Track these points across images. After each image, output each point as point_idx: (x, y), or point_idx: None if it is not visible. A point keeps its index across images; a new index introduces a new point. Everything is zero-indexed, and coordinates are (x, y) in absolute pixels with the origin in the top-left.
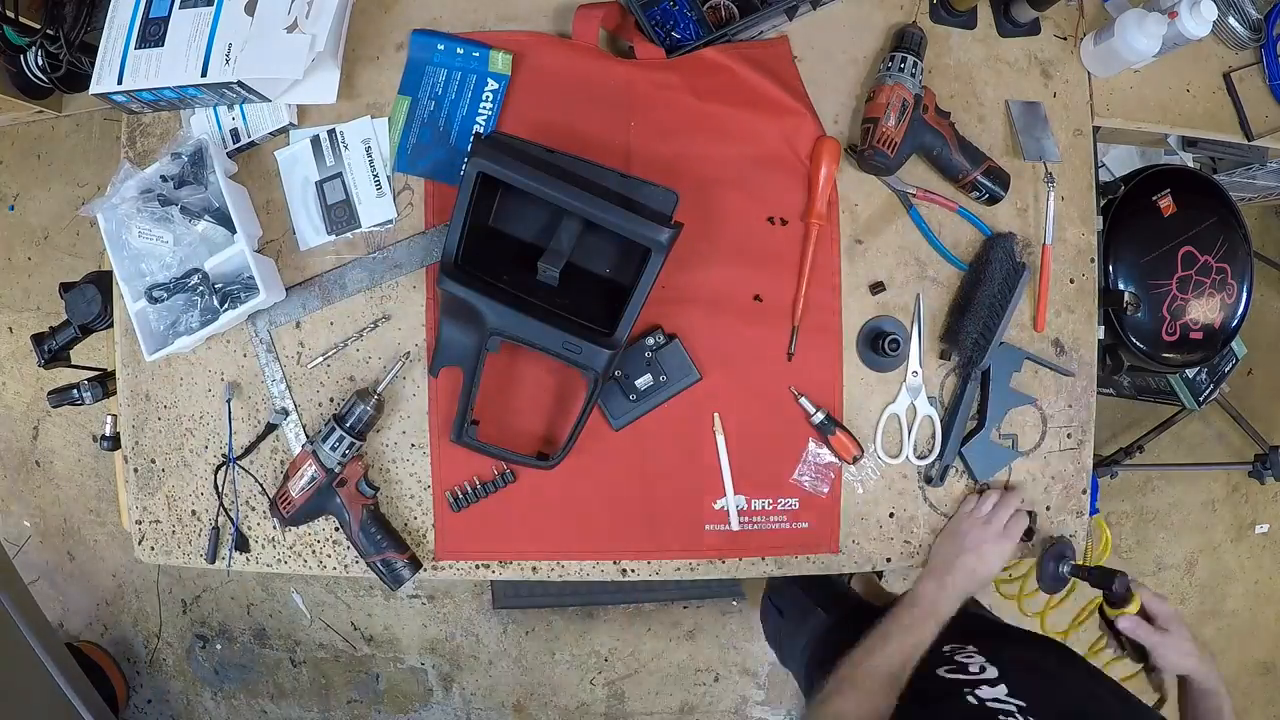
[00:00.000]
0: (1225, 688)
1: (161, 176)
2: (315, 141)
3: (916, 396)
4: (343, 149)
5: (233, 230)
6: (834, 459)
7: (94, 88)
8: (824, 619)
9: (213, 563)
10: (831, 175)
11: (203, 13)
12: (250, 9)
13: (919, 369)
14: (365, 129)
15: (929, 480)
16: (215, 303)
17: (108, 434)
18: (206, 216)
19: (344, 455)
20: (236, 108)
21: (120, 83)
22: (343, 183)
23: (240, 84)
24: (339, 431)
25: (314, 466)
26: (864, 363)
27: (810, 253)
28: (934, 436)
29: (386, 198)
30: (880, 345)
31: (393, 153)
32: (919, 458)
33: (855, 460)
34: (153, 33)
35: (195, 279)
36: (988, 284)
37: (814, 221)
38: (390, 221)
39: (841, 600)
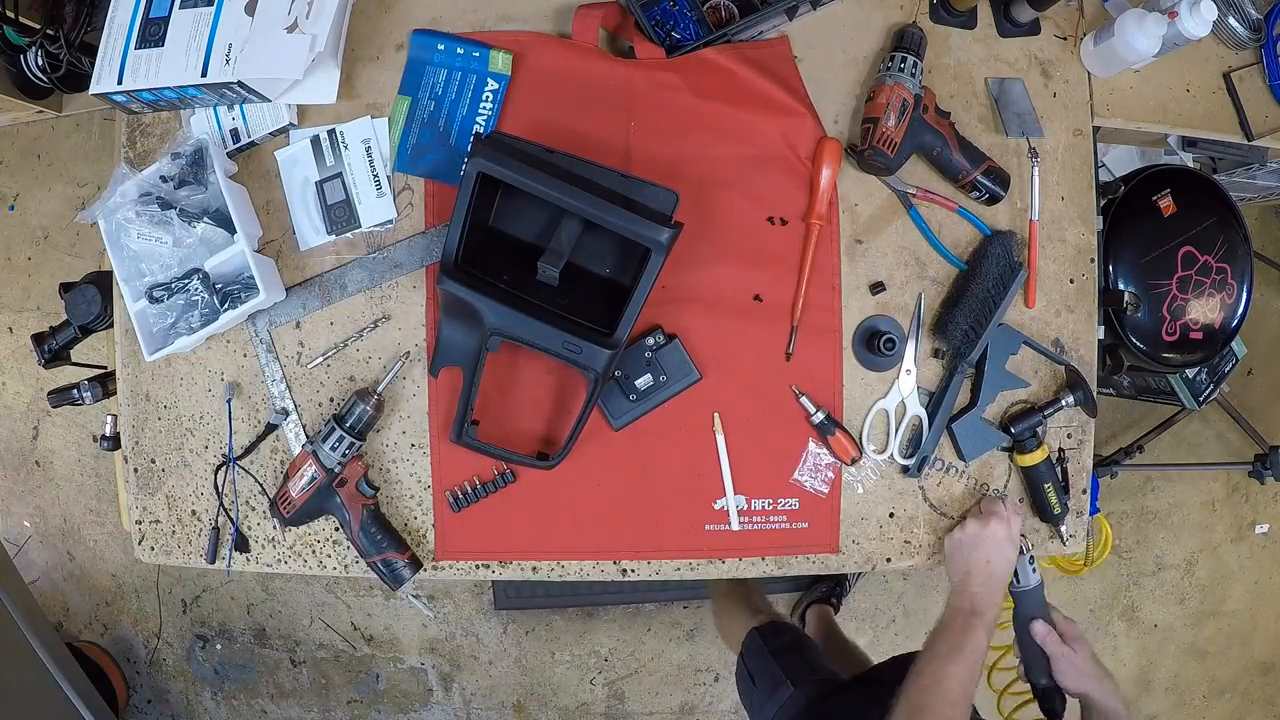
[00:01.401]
0: (1128, 709)
1: (161, 177)
2: (315, 141)
3: (908, 395)
4: (343, 149)
5: (232, 231)
6: (834, 459)
7: (94, 88)
8: (790, 694)
9: (213, 563)
10: (834, 176)
11: (203, 13)
12: (250, 9)
13: (913, 368)
14: (365, 129)
15: (905, 470)
16: (215, 302)
17: (108, 434)
18: (205, 219)
19: (344, 455)
20: (236, 108)
21: (120, 83)
22: (343, 183)
23: (240, 84)
24: (339, 431)
25: (314, 466)
26: (860, 362)
27: (811, 253)
28: (922, 437)
29: (386, 198)
30: (876, 345)
31: (393, 153)
32: (905, 456)
33: (854, 462)
34: (153, 33)
35: (195, 279)
36: (982, 279)
37: (814, 221)
38: (390, 221)
39: (810, 675)
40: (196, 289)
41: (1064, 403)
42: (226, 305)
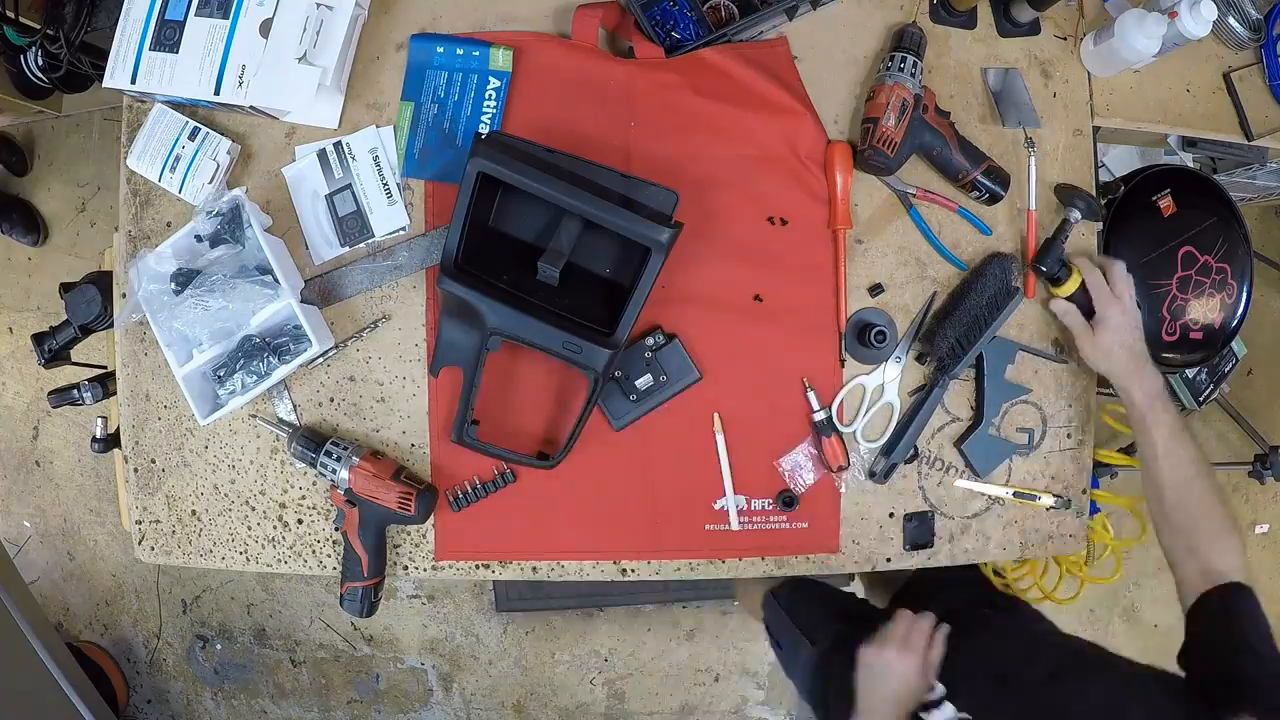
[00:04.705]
0: (1154, 407)
1: (196, 236)
2: (322, 155)
3: (889, 381)
4: (350, 160)
5: (273, 285)
6: (823, 463)
7: (107, 81)
8: (811, 650)
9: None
10: (848, 181)
11: (218, 25)
12: (265, 30)
13: (903, 357)
14: (371, 138)
15: (871, 475)
16: (273, 360)
17: (98, 436)
18: (245, 277)
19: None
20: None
21: (134, 83)
22: (353, 194)
23: (251, 106)
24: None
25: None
26: (851, 354)
27: (843, 262)
28: (887, 426)
29: (398, 205)
30: (866, 337)
31: (400, 159)
32: (866, 440)
33: (839, 470)
34: (168, 36)
35: (248, 347)
36: (976, 296)
37: (839, 229)
38: (403, 228)
39: (826, 626)
40: (253, 356)
41: (1072, 219)
42: (278, 360)
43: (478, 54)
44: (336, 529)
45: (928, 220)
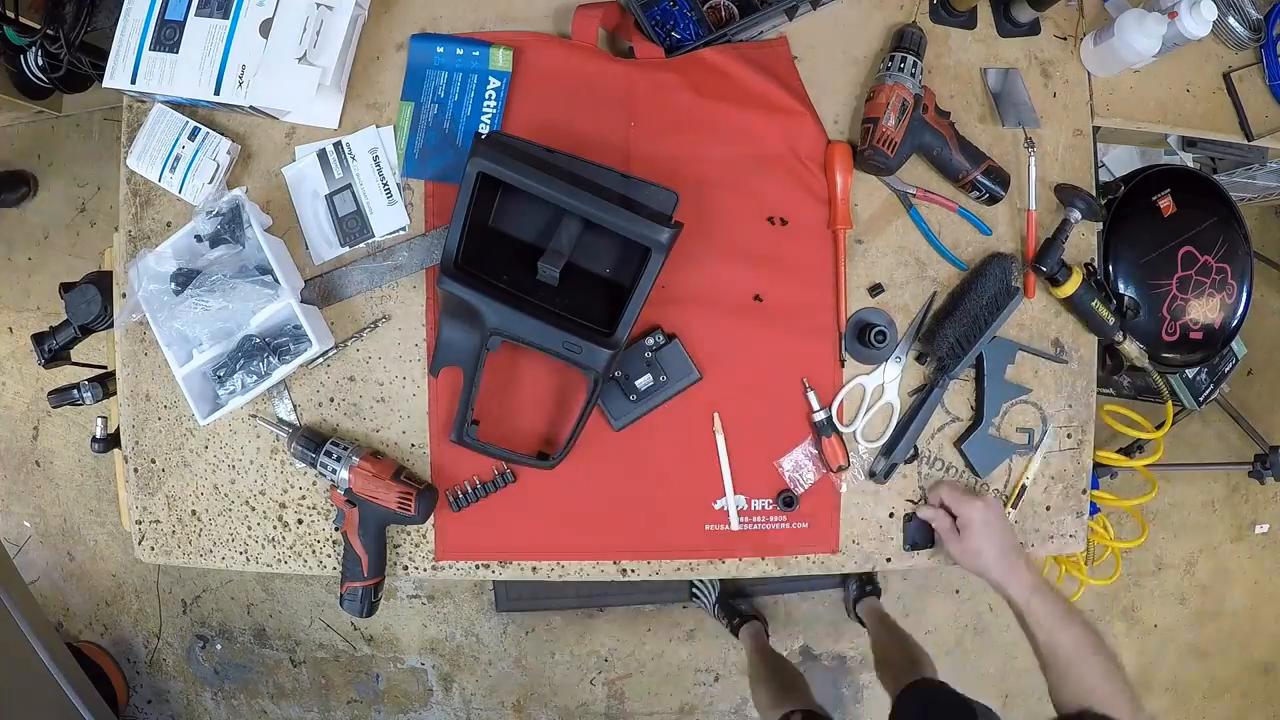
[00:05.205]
0: (1030, 605)
1: (196, 236)
2: (322, 155)
3: (889, 381)
4: (350, 160)
5: (273, 285)
6: (823, 463)
7: (107, 81)
8: None
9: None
10: (848, 181)
11: (217, 25)
12: (265, 30)
13: (903, 357)
14: (371, 138)
15: (871, 475)
16: (273, 360)
17: (98, 435)
18: (246, 278)
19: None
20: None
21: (134, 83)
22: (353, 194)
23: (251, 106)
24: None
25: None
26: (851, 354)
27: (843, 263)
28: (887, 426)
29: (398, 205)
30: (867, 337)
31: (400, 159)
32: (866, 440)
33: (839, 470)
34: (168, 36)
35: (248, 347)
36: (976, 297)
37: (839, 228)
38: (403, 228)
39: None
40: (253, 356)
41: (1072, 219)
42: (278, 360)
43: (478, 54)
44: (336, 529)
45: (928, 220)
